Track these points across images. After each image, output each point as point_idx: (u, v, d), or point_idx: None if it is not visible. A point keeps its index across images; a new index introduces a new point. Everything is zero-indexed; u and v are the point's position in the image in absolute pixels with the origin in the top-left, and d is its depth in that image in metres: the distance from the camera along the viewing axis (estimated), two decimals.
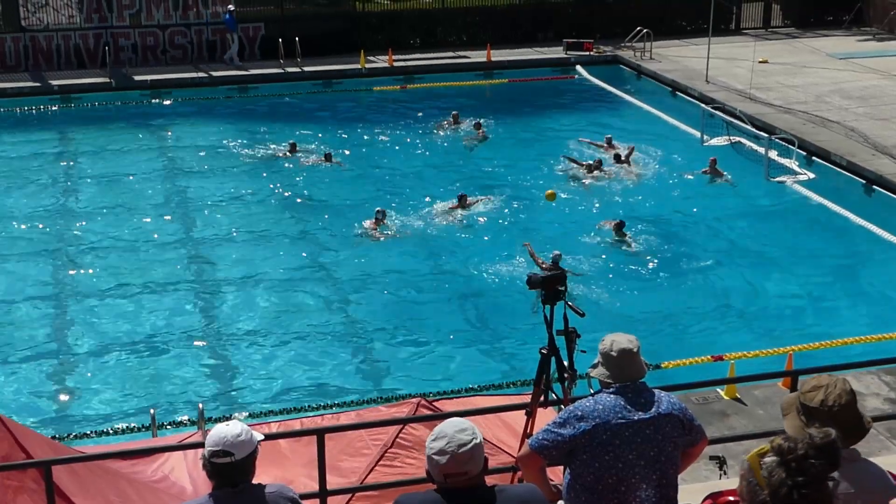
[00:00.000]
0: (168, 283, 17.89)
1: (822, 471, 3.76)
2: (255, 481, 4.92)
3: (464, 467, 4.37)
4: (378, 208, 20.05)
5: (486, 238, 19.58)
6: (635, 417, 5.24)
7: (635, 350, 5.34)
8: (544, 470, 5.45)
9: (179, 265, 18.79)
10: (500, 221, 20.52)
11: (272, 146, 24.93)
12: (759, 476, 3.86)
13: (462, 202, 20.83)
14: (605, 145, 24.35)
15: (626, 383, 5.31)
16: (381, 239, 19.53)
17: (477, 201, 21.11)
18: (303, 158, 24.17)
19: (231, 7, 31.28)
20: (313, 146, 25.02)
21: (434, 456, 4.39)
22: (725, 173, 22.57)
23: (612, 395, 5.30)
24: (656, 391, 5.40)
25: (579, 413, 5.27)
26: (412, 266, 18.60)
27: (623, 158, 23.14)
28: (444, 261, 18.80)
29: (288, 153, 24.15)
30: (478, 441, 4.42)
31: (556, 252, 17.62)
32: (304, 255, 19.19)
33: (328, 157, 23.72)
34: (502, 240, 19.36)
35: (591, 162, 22.68)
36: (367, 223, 19.83)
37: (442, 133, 26.10)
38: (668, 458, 5.31)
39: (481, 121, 26.28)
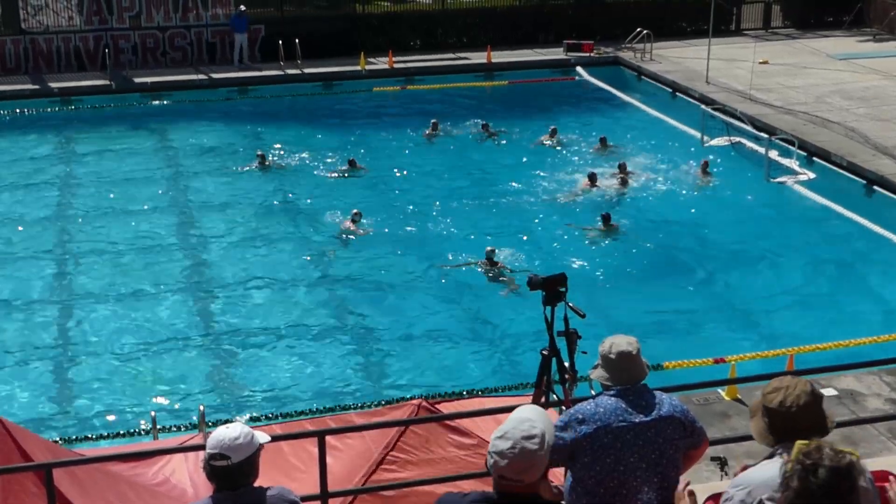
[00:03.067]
0: (168, 286, 17.88)
1: (832, 488, 3.89)
2: (256, 483, 4.90)
3: (519, 475, 4.31)
4: (354, 210, 20.03)
5: (487, 239, 19.54)
6: (636, 420, 5.22)
7: (634, 352, 5.33)
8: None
9: (179, 267, 18.77)
10: (502, 222, 20.52)
11: (272, 148, 24.92)
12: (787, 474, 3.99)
13: (592, 181, 21.62)
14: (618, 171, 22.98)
15: (627, 386, 5.30)
16: (382, 240, 19.52)
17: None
18: (308, 163, 24.13)
19: (242, 7, 31.28)
20: (325, 151, 25.05)
21: (494, 454, 4.33)
22: (712, 173, 22.61)
23: (612, 398, 5.28)
24: (657, 393, 5.39)
25: (580, 416, 5.26)
26: (413, 268, 18.60)
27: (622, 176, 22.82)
28: (444, 261, 18.76)
29: (256, 165, 23.72)
30: (542, 452, 4.33)
31: (489, 248, 17.88)
32: (305, 257, 19.17)
33: (352, 164, 23.52)
34: (503, 241, 19.33)
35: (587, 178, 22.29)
36: (347, 223, 19.86)
37: (426, 140, 25.83)
38: (670, 460, 5.30)
39: (489, 123, 26.28)
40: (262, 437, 4.94)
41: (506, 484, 4.33)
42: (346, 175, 23.37)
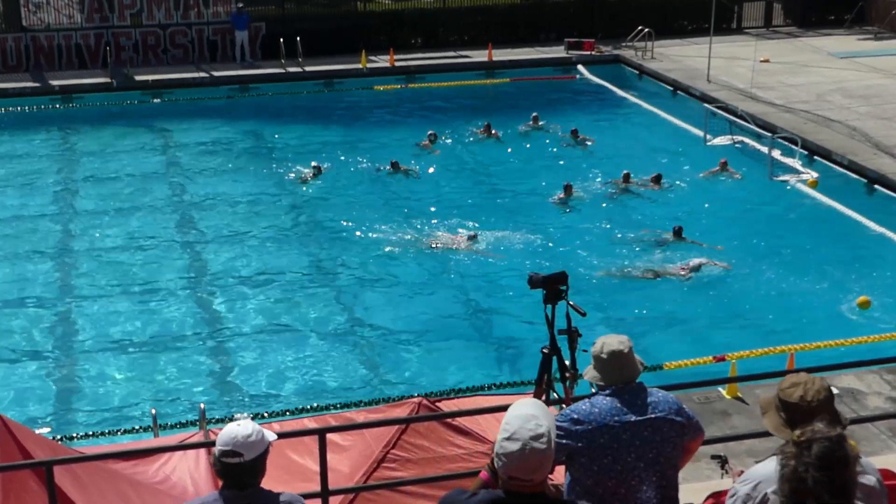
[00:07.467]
0: (169, 283, 17.89)
1: (826, 460, 3.93)
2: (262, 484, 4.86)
3: (530, 475, 4.29)
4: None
5: (487, 237, 19.55)
6: (632, 419, 5.20)
7: (626, 351, 5.30)
8: None
9: (181, 265, 18.79)
10: (503, 222, 20.50)
11: (273, 146, 24.92)
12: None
13: (567, 191, 21.12)
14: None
15: (621, 385, 5.28)
16: (383, 239, 19.52)
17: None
18: (309, 161, 24.11)
19: (240, 4, 31.35)
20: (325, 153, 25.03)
21: (503, 455, 4.27)
22: (733, 170, 22.58)
23: (607, 398, 5.27)
24: (653, 391, 5.37)
25: (576, 417, 5.24)
26: (413, 266, 18.60)
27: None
28: (445, 260, 18.77)
29: (310, 176, 22.98)
30: (550, 451, 4.30)
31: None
32: (305, 255, 19.17)
33: (395, 165, 23.14)
34: (505, 240, 19.34)
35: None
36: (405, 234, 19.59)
37: (422, 151, 25.15)
38: (668, 458, 5.29)
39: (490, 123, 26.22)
40: (269, 435, 4.90)
41: (515, 484, 4.31)
42: (327, 170, 23.22)
